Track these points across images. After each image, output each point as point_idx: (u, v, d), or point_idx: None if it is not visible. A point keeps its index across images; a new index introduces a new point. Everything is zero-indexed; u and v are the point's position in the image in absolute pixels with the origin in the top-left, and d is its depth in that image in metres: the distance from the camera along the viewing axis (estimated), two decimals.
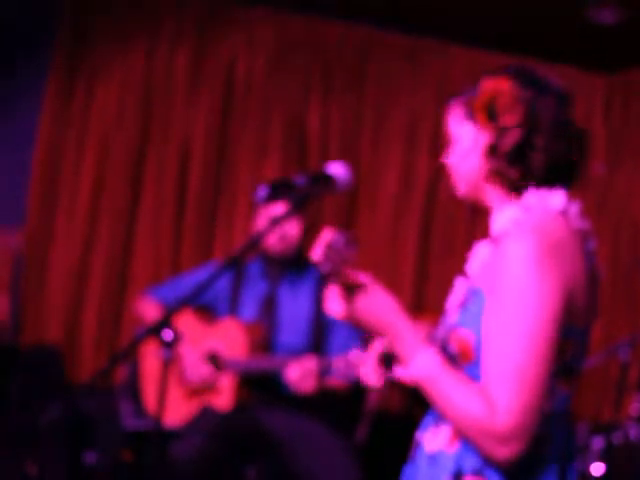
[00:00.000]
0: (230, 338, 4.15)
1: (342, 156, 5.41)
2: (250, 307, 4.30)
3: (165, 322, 2.46)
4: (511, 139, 1.98)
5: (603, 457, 4.41)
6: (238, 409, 4.11)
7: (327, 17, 6.07)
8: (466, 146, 2.06)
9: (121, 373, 5.28)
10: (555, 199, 1.99)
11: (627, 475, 4.29)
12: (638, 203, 6.21)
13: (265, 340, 4.20)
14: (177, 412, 4.16)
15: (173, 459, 3.95)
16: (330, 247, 1.97)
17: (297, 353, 4.14)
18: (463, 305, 2.00)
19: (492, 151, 2.01)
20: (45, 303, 5.63)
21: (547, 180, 2.00)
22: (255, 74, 6.01)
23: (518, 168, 2.00)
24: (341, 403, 4.22)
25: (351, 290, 1.98)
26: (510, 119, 1.99)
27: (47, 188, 5.67)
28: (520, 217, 1.95)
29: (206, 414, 4.12)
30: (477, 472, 1.90)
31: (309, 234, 4.37)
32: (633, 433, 4.23)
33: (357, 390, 4.13)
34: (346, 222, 6.11)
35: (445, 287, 2.24)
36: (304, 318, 4.26)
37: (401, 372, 1.96)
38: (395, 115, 6.07)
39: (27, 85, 5.75)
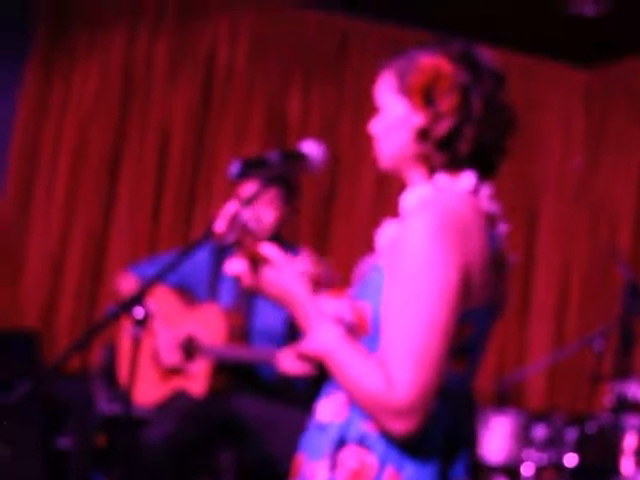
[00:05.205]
0: (209, 324, 4.13)
1: (322, 142, 5.42)
2: (228, 292, 4.28)
3: (137, 299, 2.44)
4: (444, 126, 1.95)
5: (576, 448, 4.42)
6: (212, 395, 4.09)
7: (307, 6, 6.06)
8: (395, 121, 2.03)
9: (97, 357, 5.27)
10: (465, 180, 1.97)
11: (599, 466, 4.30)
12: (617, 196, 6.23)
13: (244, 327, 4.18)
14: (152, 392, 4.14)
15: (144, 443, 3.93)
16: (234, 219, 2.00)
17: (274, 339, 4.13)
18: (363, 278, 1.99)
19: (423, 135, 1.98)
20: (22, 287, 5.60)
21: (470, 164, 1.98)
22: (236, 61, 6.00)
23: (445, 154, 1.97)
24: (313, 390, 4.21)
25: (256, 262, 2.02)
26: (446, 105, 1.94)
27: (25, 172, 5.65)
28: (429, 196, 1.94)
29: (179, 399, 4.11)
30: (359, 441, 1.90)
31: (289, 223, 4.37)
32: (606, 423, 4.24)
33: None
34: (325, 210, 6.12)
35: None
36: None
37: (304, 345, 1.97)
38: (374, 102, 6.02)
39: (7, 66, 5.71)
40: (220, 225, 2.01)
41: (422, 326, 1.80)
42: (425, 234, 1.83)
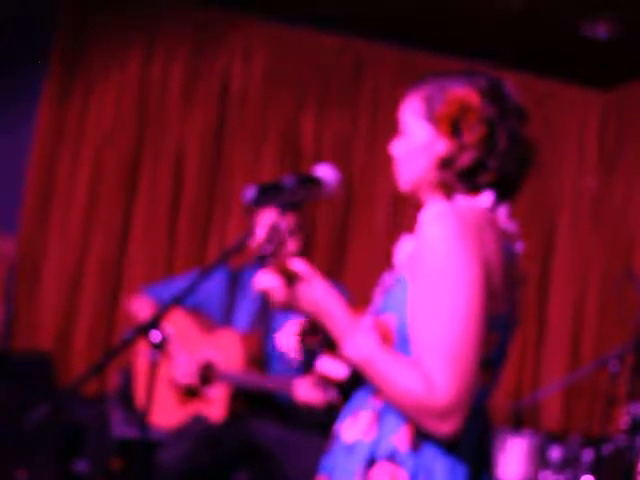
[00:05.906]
0: (227, 350, 4.13)
1: (336, 167, 5.44)
2: (244, 315, 4.29)
3: (153, 323, 2.45)
4: (467, 158, 1.99)
5: (593, 469, 4.41)
6: (229, 419, 4.09)
7: (323, 30, 6.09)
8: (418, 146, 2.07)
9: (113, 381, 5.28)
10: (483, 198, 2.01)
11: None
12: (632, 217, 6.22)
13: (261, 351, 4.18)
14: (171, 415, 4.14)
15: (159, 466, 3.93)
16: (274, 229, 2.01)
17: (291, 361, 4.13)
18: (386, 292, 2.02)
19: (445, 164, 2.01)
20: (38, 310, 5.63)
21: (489, 188, 2.02)
22: (250, 84, 6.04)
23: (465, 183, 2.02)
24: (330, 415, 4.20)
25: (288, 277, 2.02)
26: (472, 138, 1.98)
27: (42, 195, 5.69)
28: (445, 208, 1.95)
29: (196, 423, 4.11)
30: (389, 458, 1.90)
31: (305, 246, 4.38)
32: (622, 445, 4.23)
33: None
34: (341, 234, 6.13)
35: None
36: None
37: (340, 354, 1.98)
38: (389, 127, 6.05)
39: (23, 93, 5.77)
40: (260, 234, 2.02)
41: (454, 322, 1.82)
42: (444, 234, 1.86)
